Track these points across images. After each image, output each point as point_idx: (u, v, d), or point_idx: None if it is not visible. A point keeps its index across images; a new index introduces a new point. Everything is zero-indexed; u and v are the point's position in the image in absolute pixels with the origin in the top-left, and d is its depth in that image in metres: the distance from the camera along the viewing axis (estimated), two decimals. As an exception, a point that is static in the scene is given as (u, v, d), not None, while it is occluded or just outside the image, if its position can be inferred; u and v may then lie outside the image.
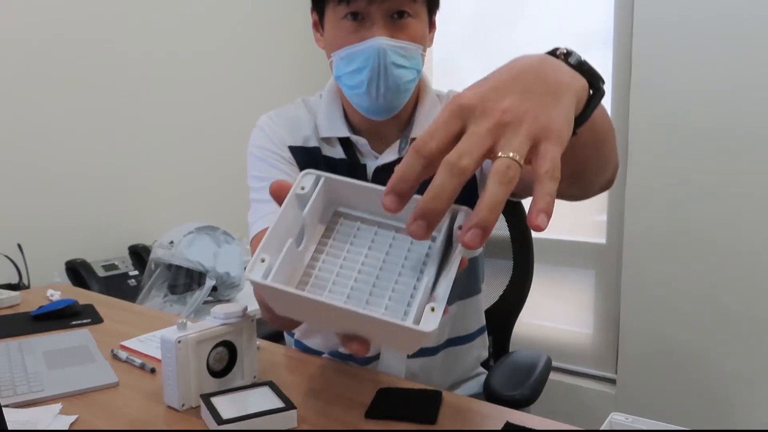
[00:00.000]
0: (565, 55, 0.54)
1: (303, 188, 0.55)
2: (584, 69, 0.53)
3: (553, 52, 0.54)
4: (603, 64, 2.04)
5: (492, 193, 0.42)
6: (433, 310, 0.48)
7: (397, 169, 0.45)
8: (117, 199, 2.01)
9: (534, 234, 1.32)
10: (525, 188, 0.76)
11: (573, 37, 2.16)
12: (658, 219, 1.90)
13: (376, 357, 1.05)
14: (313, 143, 1.02)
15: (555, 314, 2.27)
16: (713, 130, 1.79)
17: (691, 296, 1.86)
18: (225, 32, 2.32)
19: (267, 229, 0.90)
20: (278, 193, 0.54)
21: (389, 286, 0.53)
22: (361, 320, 0.48)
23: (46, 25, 1.82)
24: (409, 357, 1.04)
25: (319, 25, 0.99)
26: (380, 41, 0.87)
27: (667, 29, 1.83)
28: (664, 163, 1.87)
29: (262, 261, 0.50)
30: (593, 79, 0.53)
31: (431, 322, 0.47)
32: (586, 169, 0.70)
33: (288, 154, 1.01)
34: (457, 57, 2.40)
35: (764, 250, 1.74)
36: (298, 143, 1.02)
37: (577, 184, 0.73)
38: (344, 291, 0.52)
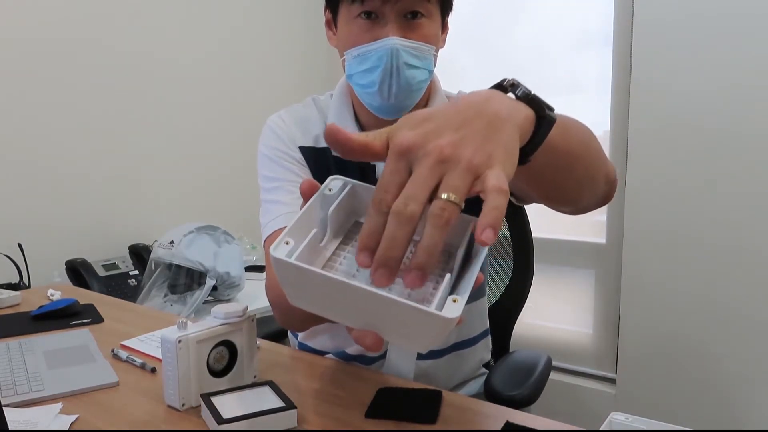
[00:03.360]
0: (512, 87, 0.56)
1: (330, 190, 0.56)
2: (529, 99, 0.55)
3: (500, 84, 0.57)
4: (603, 64, 2.05)
5: (428, 236, 0.45)
6: (455, 301, 0.48)
7: (363, 228, 0.47)
8: (117, 199, 2.02)
9: (534, 234, 1.32)
10: (526, 195, 0.76)
11: (573, 37, 2.16)
12: (658, 219, 1.90)
13: (382, 357, 1.05)
14: (323, 143, 1.02)
15: (555, 314, 2.27)
16: (713, 130, 1.79)
17: (691, 296, 1.86)
18: (225, 33, 2.32)
19: (281, 230, 0.89)
20: (307, 193, 0.55)
21: (407, 290, 0.51)
22: (382, 306, 0.47)
23: (46, 25, 1.82)
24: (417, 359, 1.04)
25: (332, 23, 0.98)
26: (393, 41, 0.87)
27: (667, 29, 1.83)
28: (664, 163, 1.87)
29: (287, 243, 0.50)
30: (539, 108, 0.55)
31: (454, 311, 0.47)
32: (565, 188, 0.72)
33: (298, 155, 1.01)
34: (457, 56, 2.40)
35: (764, 249, 1.74)
36: (309, 143, 1.02)
37: (562, 201, 0.76)
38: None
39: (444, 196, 0.45)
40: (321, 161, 1.00)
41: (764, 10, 1.68)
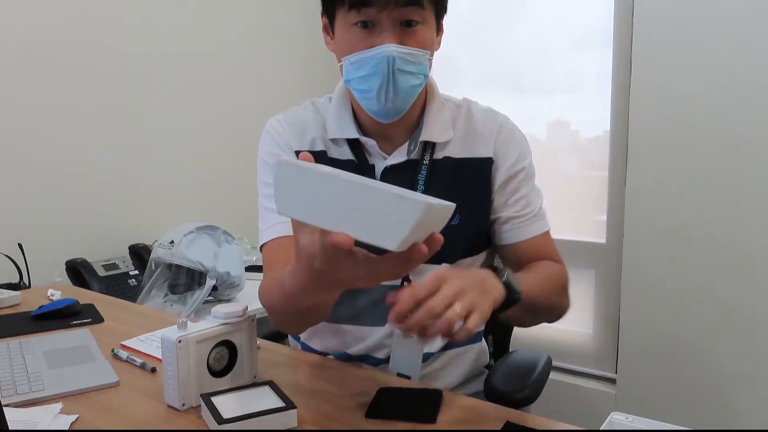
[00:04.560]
0: (500, 272, 0.82)
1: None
2: (505, 283, 0.81)
3: (495, 267, 0.85)
4: (603, 64, 2.05)
5: (437, 325, 0.69)
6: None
7: (402, 295, 0.69)
8: (117, 199, 2.02)
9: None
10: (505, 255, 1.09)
11: (573, 37, 2.17)
12: (658, 219, 1.90)
13: (385, 361, 1.04)
14: (319, 146, 1.04)
15: (555, 314, 2.26)
16: (713, 129, 1.79)
17: (691, 296, 1.86)
18: (226, 32, 2.32)
19: (276, 239, 0.98)
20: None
21: None
22: (364, 196, 0.54)
23: (46, 25, 1.82)
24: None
25: (329, 28, 1.00)
26: (390, 48, 0.89)
27: (667, 29, 1.83)
28: (664, 163, 1.87)
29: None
30: (509, 291, 0.81)
31: (428, 199, 0.54)
32: (524, 322, 1.03)
33: (294, 160, 1.02)
34: (456, 57, 2.40)
35: (764, 249, 1.74)
36: (305, 147, 1.04)
37: (526, 323, 1.04)
38: None
39: (457, 308, 0.69)
40: None
41: (764, 10, 1.68)
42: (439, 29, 1.00)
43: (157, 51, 2.10)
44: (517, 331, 1.35)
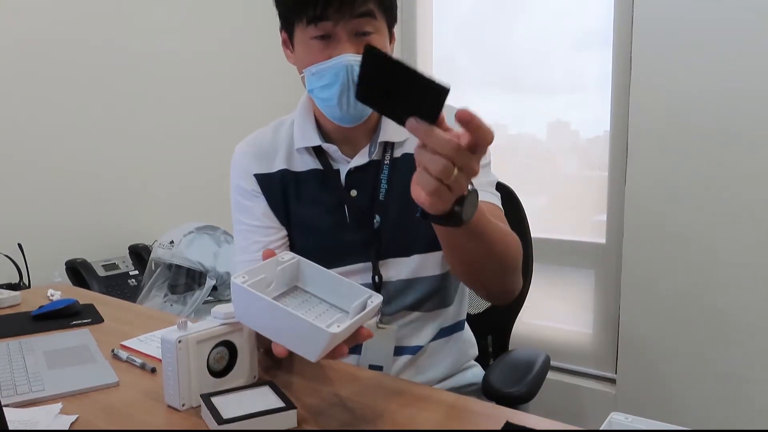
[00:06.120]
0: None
1: (283, 258, 0.81)
2: (471, 190, 0.78)
3: None
4: (603, 64, 2.05)
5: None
6: (338, 326, 0.68)
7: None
8: (117, 199, 2.02)
9: (534, 233, 1.32)
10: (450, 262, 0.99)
11: (573, 37, 2.17)
12: (658, 219, 1.90)
13: (358, 351, 1.05)
14: (278, 167, 1.09)
15: (555, 314, 2.27)
16: (713, 130, 1.79)
17: (691, 296, 1.86)
18: (224, 32, 2.32)
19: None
20: (267, 256, 0.80)
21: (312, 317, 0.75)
22: (290, 321, 0.69)
23: (46, 25, 1.82)
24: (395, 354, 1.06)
25: (288, 42, 1.06)
26: (347, 58, 0.95)
27: (667, 29, 1.83)
28: (664, 163, 1.87)
29: (243, 277, 0.74)
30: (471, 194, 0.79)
31: (334, 329, 0.67)
32: (474, 266, 0.91)
33: (253, 186, 1.10)
34: (456, 55, 2.40)
35: (763, 249, 1.74)
36: (263, 170, 1.10)
37: (467, 272, 0.95)
38: None
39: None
40: (273, 185, 1.09)
41: (764, 9, 1.68)
42: (391, 38, 1.05)
43: (157, 51, 2.10)
44: (517, 331, 1.36)
